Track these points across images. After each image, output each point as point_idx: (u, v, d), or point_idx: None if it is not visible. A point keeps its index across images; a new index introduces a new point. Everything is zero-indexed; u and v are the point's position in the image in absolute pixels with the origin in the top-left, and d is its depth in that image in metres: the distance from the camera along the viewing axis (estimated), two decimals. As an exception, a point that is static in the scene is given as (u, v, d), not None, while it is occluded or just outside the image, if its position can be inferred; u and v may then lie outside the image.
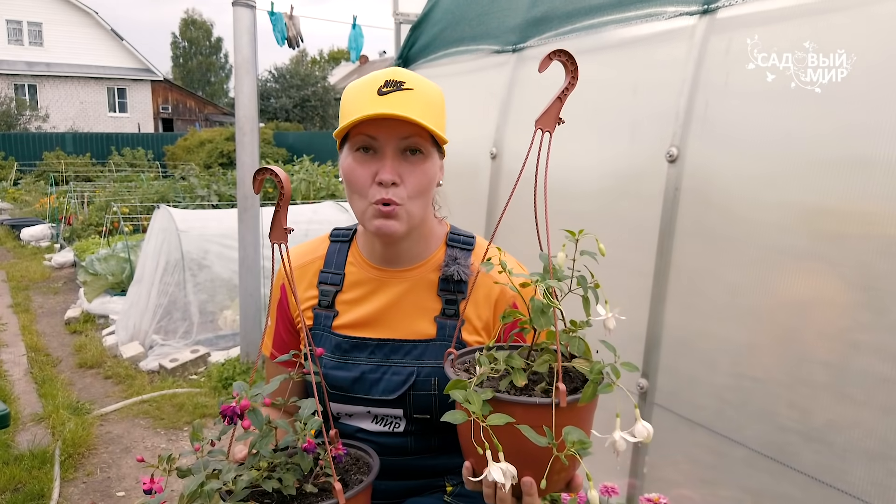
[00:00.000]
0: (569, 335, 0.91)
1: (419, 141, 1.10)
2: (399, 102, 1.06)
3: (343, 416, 1.24)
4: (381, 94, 1.07)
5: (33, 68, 26.57)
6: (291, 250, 1.28)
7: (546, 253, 0.90)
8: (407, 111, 1.04)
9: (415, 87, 1.08)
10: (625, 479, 1.80)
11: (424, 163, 1.12)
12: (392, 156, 1.09)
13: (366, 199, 1.11)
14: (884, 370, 1.26)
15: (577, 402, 0.83)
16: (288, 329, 1.30)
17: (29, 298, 6.34)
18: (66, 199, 9.40)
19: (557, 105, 0.89)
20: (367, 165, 1.10)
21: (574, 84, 0.89)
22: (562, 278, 0.89)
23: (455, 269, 1.19)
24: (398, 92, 1.07)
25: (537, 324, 0.86)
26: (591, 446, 0.80)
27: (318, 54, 47.05)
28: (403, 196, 1.10)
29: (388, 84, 1.07)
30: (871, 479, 1.28)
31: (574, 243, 0.90)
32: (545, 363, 0.89)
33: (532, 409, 0.83)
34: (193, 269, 4.66)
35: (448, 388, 0.85)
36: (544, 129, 0.89)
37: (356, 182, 1.11)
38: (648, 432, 0.84)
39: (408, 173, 1.10)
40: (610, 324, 0.90)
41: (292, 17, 6.10)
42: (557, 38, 2.18)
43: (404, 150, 1.10)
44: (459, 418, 0.82)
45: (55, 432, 3.45)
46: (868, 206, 1.29)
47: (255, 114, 4.00)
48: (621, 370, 0.87)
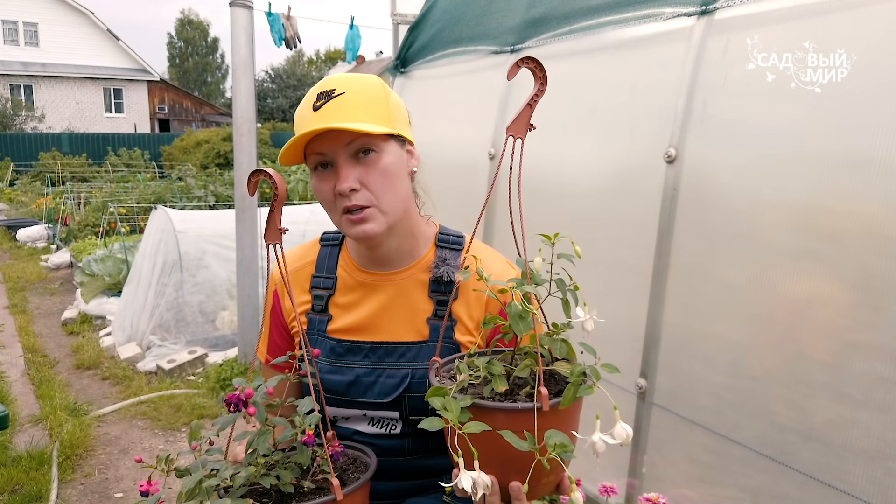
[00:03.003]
0: (551, 338, 0.91)
1: (366, 141, 1.09)
2: (332, 112, 1.06)
3: (339, 419, 1.24)
4: (315, 109, 1.07)
5: (29, 68, 26.50)
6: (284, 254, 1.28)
7: (523, 258, 0.90)
8: (338, 119, 1.05)
9: (346, 90, 1.08)
10: (623, 478, 1.80)
11: (379, 160, 1.10)
12: (345, 164, 1.09)
13: (336, 211, 1.12)
14: (882, 369, 1.26)
15: (559, 405, 0.83)
16: (282, 334, 1.30)
17: (26, 299, 6.33)
18: (63, 200, 9.38)
19: (528, 112, 0.89)
20: (328, 180, 1.11)
21: (543, 90, 0.89)
22: (540, 282, 0.89)
23: (445, 269, 1.19)
24: (330, 102, 1.07)
25: (516, 329, 0.85)
26: (573, 449, 0.80)
27: (315, 55, 47.05)
28: (370, 197, 1.10)
29: (320, 97, 1.08)
30: (869, 477, 1.29)
31: (551, 247, 0.91)
32: (526, 368, 0.89)
33: (515, 414, 0.83)
34: (191, 270, 4.65)
35: (428, 396, 0.85)
36: (516, 136, 0.89)
37: (323, 198, 1.13)
38: (627, 434, 0.84)
39: (365, 174, 1.10)
40: (588, 325, 0.90)
41: (290, 18, 6.10)
42: (555, 39, 2.19)
43: (356, 154, 1.10)
44: (437, 425, 0.82)
45: (53, 433, 3.44)
46: (867, 206, 1.29)
47: (252, 114, 3.99)
48: (602, 371, 0.87)
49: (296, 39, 6.14)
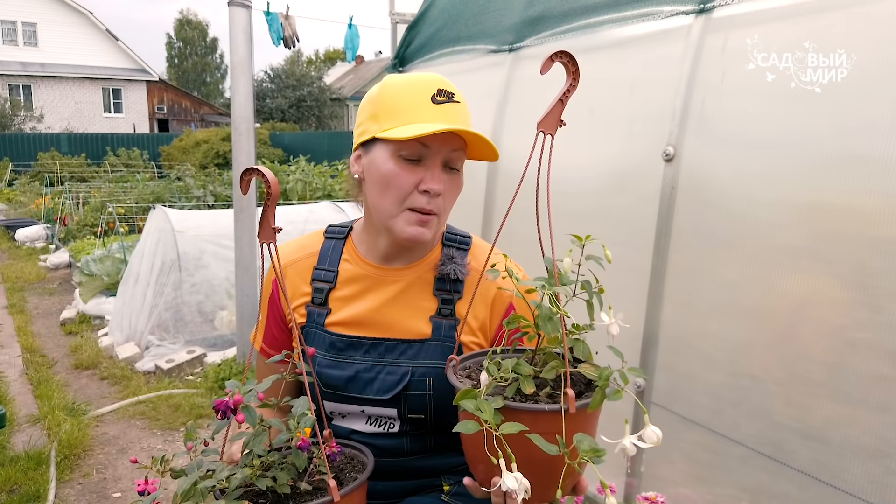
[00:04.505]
0: (571, 339, 0.90)
1: (462, 155, 1.13)
2: (456, 116, 1.08)
3: (336, 417, 1.23)
4: (435, 102, 1.08)
5: (28, 68, 26.48)
6: (286, 245, 1.27)
7: (551, 258, 0.89)
8: (464, 126, 1.07)
9: (461, 100, 1.11)
10: (622, 477, 1.80)
11: (459, 178, 1.15)
12: (439, 167, 1.11)
13: (401, 203, 1.11)
14: (880, 368, 1.26)
15: (587, 408, 0.82)
16: (279, 325, 1.29)
17: (24, 299, 6.32)
18: (62, 200, 9.37)
19: (559, 107, 0.88)
20: (413, 173, 1.10)
21: (575, 86, 0.88)
22: (567, 283, 0.88)
23: (451, 268, 1.19)
24: (452, 104, 1.09)
25: (544, 330, 0.85)
26: (605, 454, 0.79)
27: (314, 54, 47.03)
28: (441, 207, 1.12)
29: (441, 94, 1.09)
30: (868, 476, 1.28)
31: (580, 248, 0.90)
32: (553, 369, 0.88)
33: (540, 415, 0.82)
34: (189, 270, 4.65)
35: (458, 399, 0.84)
36: (546, 132, 0.88)
37: (399, 187, 1.11)
38: (658, 437, 0.82)
39: (447, 186, 1.12)
40: (613, 330, 0.89)
41: (288, 17, 6.08)
42: (554, 38, 2.18)
43: (446, 164, 1.12)
44: (472, 428, 0.80)
45: (51, 433, 3.43)
46: (866, 205, 1.29)
47: (251, 114, 3.98)
48: (629, 375, 0.86)
49: (294, 39, 6.12)
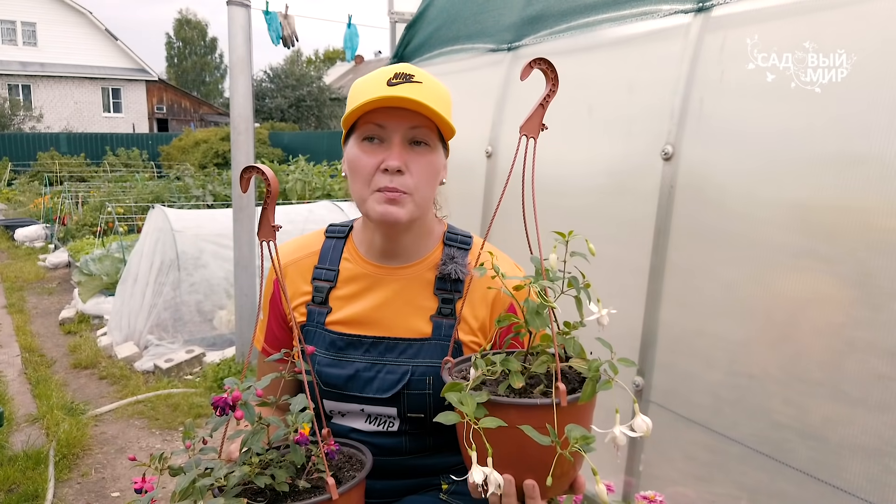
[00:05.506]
0: (563, 337, 0.91)
1: (426, 132, 1.11)
2: (409, 92, 1.06)
3: (336, 416, 1.23)
4: (390, 84, 1.07)
5: (27, 68, 26.47)
6: (286, 244, 1.27)
7: (538, 256, 0.91)
8: (418, 99, 1.05)
9: (424, 80, 1.09)
10: (621, 476, 1.80)
11: (430, 154, 1.13)
12: (400, 144, 1.10)
13: (369, 186, 1.11)
14: (879, 367, 1.26)
15: (577, 400, 0.83)
16: (280, 324, 1.29)
17: (23, 299, 6.31)
18: (61, 200, 9.36)
19: (540, 112, 0.91)
20: (374, 154, 1.10)
21: (555, 91, 0.91)
22: (555, 279, 0.89)
23: (452, 267, 1.19)
24: (408, 83, 1.07)
25: (533, 325, 0.86)
26: (594, 441, 0.80)
27: (314, 54, 47.03)
28: (409, 185, 1.10)
29: (398, 76, 1.08)
30: (866, 475, 1.28)
31: (564, 245, 0.91)
32: (543, 364, 0.89)
33: (531, 410, 0.83)
34: (189, 269, 4.64)
35: (444, 391, 0.85)
36: (528, 136, 0.91)
37: (361, 169, 1.11)
38: (648, 426, 0.84)
39: (413, 162, 1.10)
40: (604, 320, 0.91)
41: (287, 17, 6.08)
42: (552, 37, 2.18)
43: (411, 141, 1.11)
44: (452, 419, 0.82)
45: (50, 433, 3.43)
46: (865, 204, 1.29)
47: (250, 113, 3.98)
48: (618, 366, 0.87)
49: (293, 38, 6.12)
